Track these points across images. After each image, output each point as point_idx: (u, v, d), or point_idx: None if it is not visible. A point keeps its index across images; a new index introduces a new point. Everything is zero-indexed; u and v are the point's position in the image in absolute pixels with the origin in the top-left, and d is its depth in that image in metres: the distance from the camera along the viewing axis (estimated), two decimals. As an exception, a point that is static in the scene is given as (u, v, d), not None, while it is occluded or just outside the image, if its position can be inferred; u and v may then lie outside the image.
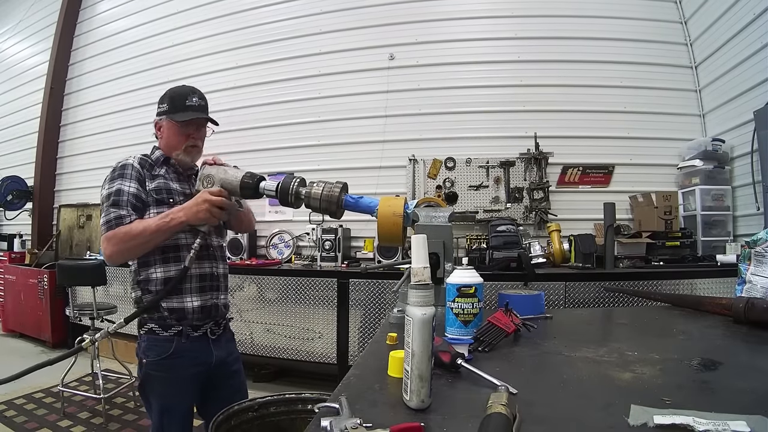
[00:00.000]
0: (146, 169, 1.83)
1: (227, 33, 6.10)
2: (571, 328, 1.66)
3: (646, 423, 0.74)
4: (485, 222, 4.79)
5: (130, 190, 1.75)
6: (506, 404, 0.74)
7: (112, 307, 4.45)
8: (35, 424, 3.68)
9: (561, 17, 5.12)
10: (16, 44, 8.81)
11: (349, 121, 5.45)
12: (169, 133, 1.87)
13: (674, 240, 4.29)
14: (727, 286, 3.52)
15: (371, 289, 4.14)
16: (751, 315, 1.49)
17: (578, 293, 3.76)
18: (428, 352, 0.85)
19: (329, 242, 4.82)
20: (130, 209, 1.71)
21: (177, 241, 1.77)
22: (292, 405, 1.52)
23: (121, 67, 6.95)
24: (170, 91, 1.90)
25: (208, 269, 1.86)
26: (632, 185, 4.87)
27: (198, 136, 1.90)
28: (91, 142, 7.15)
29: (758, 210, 4.08)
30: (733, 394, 0.92)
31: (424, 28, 5.36)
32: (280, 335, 4.39)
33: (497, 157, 5.00)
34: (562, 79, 5.04)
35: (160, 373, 1.77)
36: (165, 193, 1.80)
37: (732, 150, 4.49)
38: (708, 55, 4.77)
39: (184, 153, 1.87)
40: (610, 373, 1.05)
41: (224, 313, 1.96)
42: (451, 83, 5.23)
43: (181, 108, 1.84)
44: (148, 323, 1.80)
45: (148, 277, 1.78)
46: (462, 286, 1.34)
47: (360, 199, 1.55)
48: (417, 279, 0.89)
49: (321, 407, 0.84)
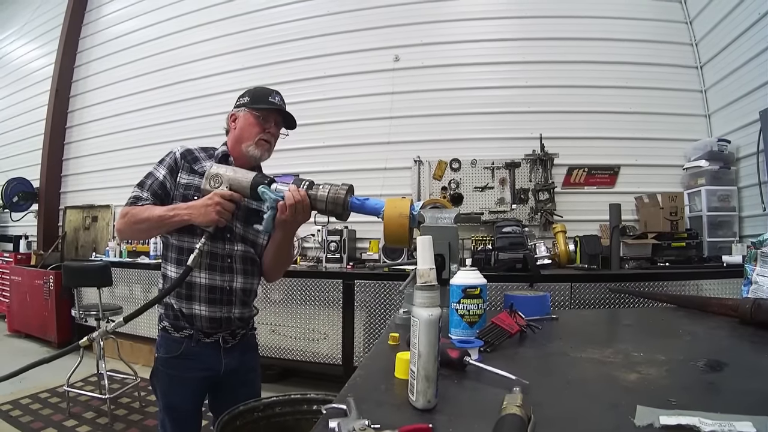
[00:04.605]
0: (187, 162, 1.81)
1: (233, 35, 6.15)
2: (577, 329, 1.66)
3: (652, 423, 0.74)
4: (491, 223, 4.79)
5: (158, 177, 1.77)
6: (521, 405, 0.74)
7: (117, 308, 4.47)
8: (41, 423, 3.69)
9: (566, 18, 5.12)
10: (22, 46, 8.89)
11: (355, 123, 5.47)
12: (245, 124, 1.82)
13: (680, 241, 4.27)
14: (733, 287, 3.50)
15: (376, 290, 4.14)
16: (758, 316, 1.49)
17: (584, 294, 3.74)
18: (434, 352, 0.85)
19: (334, 243, 4.83)
20: (150, 194, 1.73)
21: (193, 245, 1.68)
22: (298, 405, 1.52)
23: (126, 69, 7.00)
24: (253, 88, 1.89)
25: (220, 282, 1.77)
26: (638, 186, 4.86)
27: (273, 132, 1.85)
28: (97, 143, 7.19)
29: (764, 210, 4.07)
30: (739, 395, 0.92)
31: (429, 30, 5.38)
32: (285, 336, 4.39)
33: (502, 158, 5.01)
34: (567, 80, 5.04)
35: (167, 371, 1.79)
36: (194, 190, 1.75)
37: (738, 150, 4.48)
38: (713, 55, 4.76)
39: (255, 145, 1.80)
40: (615, 374, 1.05)
41: (240, 325, 1.87)
42: (456, 84, 5.24)
43: (263, 103, 1.82)
44: (164, 321, 1.81)
45: (165, 273, 1.81)
46: (467, 287, 1.34)
47: (366, 200, 1.54)
48: (423, 280, 0.89)
49: (328, 408, 0.84)
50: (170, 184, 1.78)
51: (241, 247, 1.83)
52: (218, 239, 1.75)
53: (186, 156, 1.83)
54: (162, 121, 6.51)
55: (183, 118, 6.31)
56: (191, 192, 1.75)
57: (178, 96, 6.45)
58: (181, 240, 1.76)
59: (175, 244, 1.78)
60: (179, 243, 1.77)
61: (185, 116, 6.29)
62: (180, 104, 6.41)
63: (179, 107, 6.41)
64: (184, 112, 6.32)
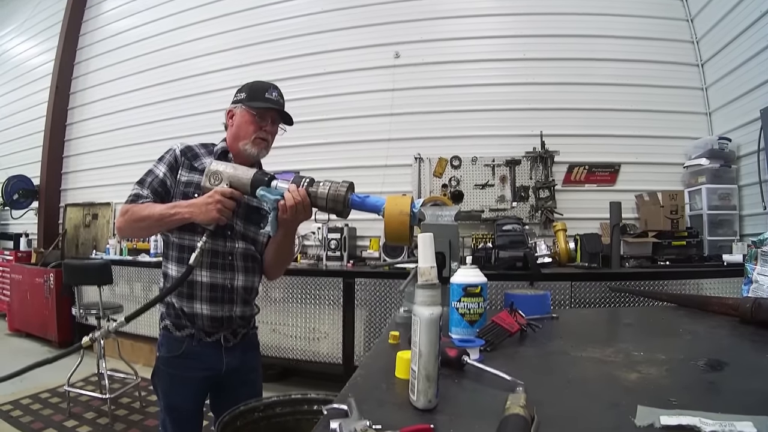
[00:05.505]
0: (188, 159, 1.81)
1: (233, 32, 6.14)
2: (577, 328, 1.66)
3: (652, 423, 0.74)
4: (491, 221, 4.80)
5: (158, 174, 1.76)
6: (524, 405, 0.74)
7: (118, 306, 4.46)
8: (41, 424, 3.69)
9: (567, 15, 5.12)
10: (21, 43, 8.89)
11: (355, 120, 5.47)
12: (242, 121, 1.80)
13: (680, 239, 4.27)
14: (733, 286, 3.51)
15: (377, 289, 4.14)
16: (758, 315, 1.48)
17: (584, 293, 3.74)
18: (435, 352, 0.85)
19: (335, 241, 4.82)
20: (150, 192, 1.73)
21: (194, 243, 1.68)
22: (298, 405, 1.51)
23: (126, 66, 6.99)
24: (251, 82, 1.85)
25: (221, 280, 1.77)
26: (638, 184, 4.86)
27: (270, 130, 1.82)
28: (97, 141, 7.19)
29: (765, 209, 4.07)
30: (740, 395, 0.92)
31: (429, 26, 5.37)
32: (285, 335, 4.39)
33: (503, 155, 5.00)
34: (567, 77, 5.04)
35: (169, 370, 1.79)
36: (194, 188, 1.74)
37: (738, 148, 4.48)
38: (714, 53, 4.76)
39: (252, 144, 1.78)
40: (616, 374, 1.05)
41: (242, 324, 1.87)
42: (457, 81, 5.23)
43: (260, 99, 1.79)
44: (165, 319, 1.81)
45: (166, 272, 1.80)
46: (468, 286, 1.33)
47: (366, 198, 1.53)
48: (424, 279, 0.88)
49: (329, 409, 0.84)
50: (170, 182, 1.77)
51: (242, 244, 1.82)
52: (219, 237, 1.75)
53: (186, 153, 1.82)
54: (162, 118, 6.51)
55: (183, 114, 6.31)
56: (191, 189, 1.75)
57: (179, 93, 6.44)
58: (181, 238, 1.76)
59: (176, 242, 1.77)
60: (180, 241, 1.76)
61: (185, 113, 6.28)
62: (180, 101, 6.40)
63: (179, 104, 6.40)
64: (185, 108, 6.32)
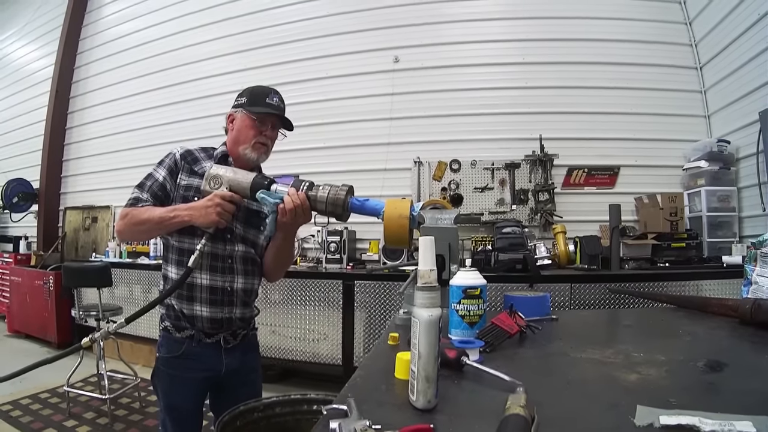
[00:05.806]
0: (187, 162, 1.81)
1: (234, 36, 6.16)
2: (577, 330, 1.66)
3: (652, 423, 0.74)
4: (490, 224, 4.80)
5: (158, 178, 1.77)
6: (524, 405, 0.74)
7: (117, 308, 4.48)
8: (41, 424, 3.69)
9: (565, 19, 5.13)
10: (22, 47, 8.90)
11: (355, 124, 5.48)
12: (242, 126, 1.80)
13: (680, 241, 4.27)
14: (733, 288, 3.51)
15: (376, 291, 4.15)
16: (758, 316, 1.48)
17: (584, 295, 3.75)
18: (435, 353, 0.85)
19: (334, 244, 4.84)
20: (149, 195, 1.73)
21: (194, 246, 1.68)
22: (298, 406, 1.52)
23: (127, 70, 7.00)
24: (251, 87, 1.86)
25: (221, 283, 1.77)
26: (637, 187, 4.87)
27: (270, 135, 1.83)
28: (97, 144, 7.20)
29: (764, 211, 4.08)
30: (739, 395, 0.92)
31: (428, 31, 5.39)
32: (285, 337, 4.40)
33: (502, 159, 5.01)
34: (566, 81, 5.05)
35: (168, 371, 1.79)
36: (194, 191, 1.74)
37: (737, 151, 4.48)
38: (713, 56, 4.77)
39: (251, 148, 1.79)
40: (615, 374, 1.05)
41: (241, 325, 1.87)
42: (456, 85, 5.25)
43: (261, 104, 1.79)
44: (165, 321, 1.81)
45: (166, 275, 1.81)
46: (467, 288, 1.34)
47: (366, 201, 1.54)
48: (424, 281, 0.89)
49: (329, 409, 0.84)
50: (170, 186, 1.78)
51: (241, 247, 1.82)
52: (219, 240, 1.75)
53: (186, 157, 1.82)
54: (163, 122, 6.51)
55: (184, 119, 6.31)
56: (191, 193, 1.75)
57: (179, 97, 6.45)
58: (181, 241, 1.76)
59: (176, 245, 1.78)
60: (179, 244, 1.77)
61: (186, 117, 6.29)
62: (181, 105, 6.41)
63: (180, 108, 6.41)
64: (185, 113, 6.32)
